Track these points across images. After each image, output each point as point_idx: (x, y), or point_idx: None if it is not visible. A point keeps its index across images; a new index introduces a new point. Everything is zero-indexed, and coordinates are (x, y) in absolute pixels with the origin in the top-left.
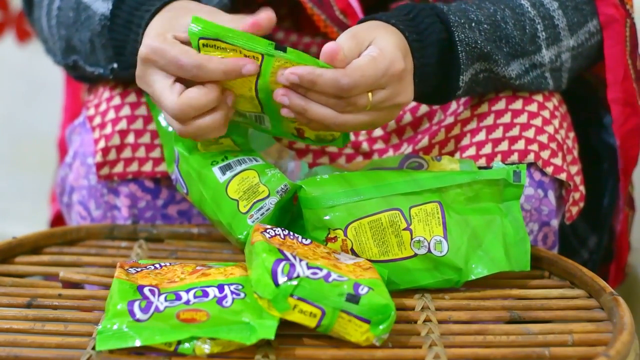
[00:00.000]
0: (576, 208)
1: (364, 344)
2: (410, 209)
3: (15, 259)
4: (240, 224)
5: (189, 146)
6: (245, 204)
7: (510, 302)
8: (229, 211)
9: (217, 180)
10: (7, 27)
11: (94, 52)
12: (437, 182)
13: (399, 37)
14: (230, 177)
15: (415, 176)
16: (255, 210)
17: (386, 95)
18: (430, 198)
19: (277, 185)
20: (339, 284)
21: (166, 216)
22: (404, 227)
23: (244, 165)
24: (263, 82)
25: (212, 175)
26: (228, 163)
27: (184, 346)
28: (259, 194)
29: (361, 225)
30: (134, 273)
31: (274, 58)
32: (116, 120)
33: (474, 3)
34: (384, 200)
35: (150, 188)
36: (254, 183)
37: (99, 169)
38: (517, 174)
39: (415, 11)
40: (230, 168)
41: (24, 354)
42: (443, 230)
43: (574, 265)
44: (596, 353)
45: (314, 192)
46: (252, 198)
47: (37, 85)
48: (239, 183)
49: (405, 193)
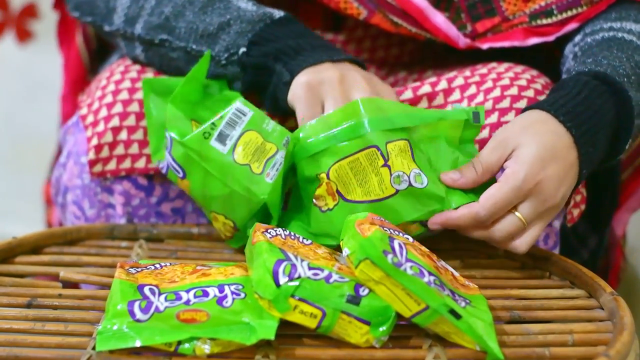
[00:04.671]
0: (577, 210)
1: (364, 345)
2: (386, 144)
3: (15, 259)
4: (259, 185)
5: (181, 130)
6: (257, 165)
7: (511, 302)
8: (243, 177)
9: (221, 153)
10: (7, 27)
11: (216, 34)
12: (407, 121)
13: (550, 136)
14: (232, 146)
15: (389, 114)
16: (269, 167)
17: (531, 207)
18: (400, 135)
19: (281, 138)
20: (339, 285)
21: (160, 214)
22: (382, 163)
23: (238, 127)
24: None
25: (213, 150)
26: (221, 131)
27: (184, 346)
28: (268, 152)
29: (341, 167)
30: (134, 273)
31: None
32: (108, 118)
33: (610, 53)
34: (360, 140)
35: (143, 186)
36: (259, 143)
37: (92, 167)
38: (476, 115)
39: (587, 90)
40: (227, 136)
41: (24, 354)
42: (416, 165)
43: (574, 265)
44: (596, 353)
45: (305, 140)
46: (262, 157)
47: (37, 85)
48: (244, 148)
49: (381, 130)
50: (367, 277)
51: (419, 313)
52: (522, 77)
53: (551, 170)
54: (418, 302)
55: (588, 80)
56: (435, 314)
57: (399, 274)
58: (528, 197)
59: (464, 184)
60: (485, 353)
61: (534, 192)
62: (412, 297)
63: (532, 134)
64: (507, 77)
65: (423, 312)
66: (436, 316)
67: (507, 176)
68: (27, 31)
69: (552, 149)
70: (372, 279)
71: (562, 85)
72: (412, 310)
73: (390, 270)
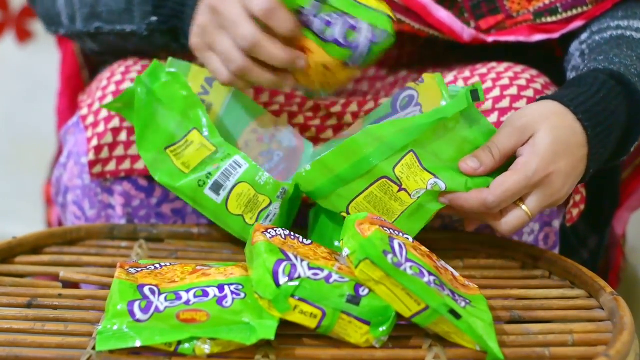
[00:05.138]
0: (577, 210)
1: (364, 345)
2: (394, 170)
3: (15, 259)
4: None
5: (171, 174)
6: (250, 216)
7: (511, 302)
8: (237, 226)
9: (215, 202)
10: (7, 27)
11: (129, 9)
12: (406, 138)
13: (566, 131)
14: (225, 196)
15: (384, 138)
16: (262, 219)
17: (538, 199)
18: (403, 152)
19: (274, 191)
20: (339, 285)
21: (160, 215)
22: (397, 189)
23: (232, 178)
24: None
25: (207, 199)
26: (215, 181)
27: (184, 346)
28: (261, 204)
29: (359, 204)
30: (134, 273)
31: None
32: (109, 119)
33: (621, 52)
34: (367, 176)
35: (144, 186)
36: (251, 195)
37: (92, 167)
38: (474, 93)
39: (605, 90)
40: (220, 186)
41: (24, 354)
42: (429, 173)
43: (574, 265)
44: (596, 353)
45: (308, 188)
46: (255, 209)
47: (37, 85)
48: (237, 200)
49: (384, 159)
50: (367, 277)
51: (419, 313)
52: (522, 77)
53: (561, 164)
54: (418, 302)
55: (606, 80)
56: (435, 314)
57: (399, 274)
58: (536, 189)
59: (484, 172)
60: (485, 353)
61: (542, 184)
62: (412, 297)
63: (550, 125)
64: (506, 77)
65: (423, 312)
66: (436, 316)
67: (519, 165)
68: (27, 31)
69: (566, 144)
70: (372, 279)
71: (579, 81)
72: (412, 310)
73: (390, 270)
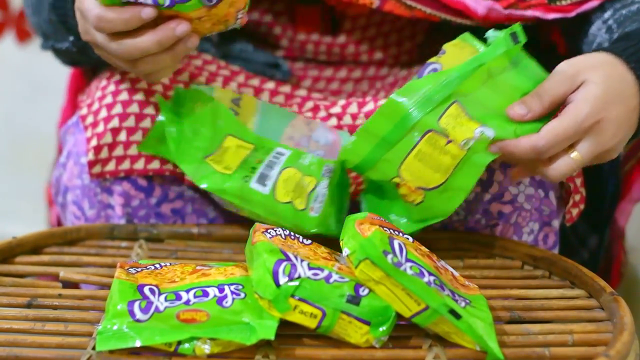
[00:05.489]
0: (576, 210)
1: (364, 345)
2: (438, 122)
3: (15, 259)
4: (305, 221)
5: (216, 179)
6: (299, 201)
7: (510, 302)
8: (288, 215)
9: (263, 194)
10: (7, 27)
11: (56, 30)
12: (446, 90)
13: (618, 80)
14: (272, 185)
15: (425, 92)
16: (312, 201)
17: (589, 147)
18: (447, 103)
19: (319, 169)
20: (339, 285)
21: (160, 215)
22: (445, 142)
23: (276, 167)
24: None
25: (254, 192)
26: (261, 173)
27: (184, 346)
28: (308, 186)
29: (410, 164)
30: (134, 273)
31: None
32: (108, 119)
33: None
34: (412, 133)
35: (143, 186)
36: (297, 179)
37: (91, 167)
38: (514, 36)
39: None
40: (266, 177)
41: (24, 354)
42: (476, 122)
43: (574, 265)
44: (596, 353)
45: (355, 160)
46: (303, 193)
47: (37, 85)
48: (284, 186)
49: (426, 112)
50: (367, 277)
51: (419, 313)
52: None
53: (613, 112)
54: (418, 302)
55: None
56: (435, 314)
57: (399, 274)
58: (587, 135)
59: (532, 118)
60: (485, 353)
61: (593, 131)
62: (412, 297)
63: (601, 74)
64: None
65: (423, 312)
66: (436, 316)
67: (569, 110)
68: (27, 31)
69: (618, 92)
70: (372, 279)
71: (627, 36)
72: (412, 310)
73: (390, 270)
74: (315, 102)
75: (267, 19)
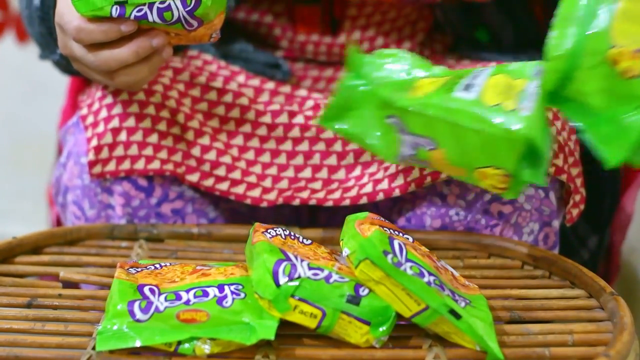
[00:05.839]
0: (576, 210)
1: (364, 345)
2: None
3: (15, 259)
4: (515, 121)
5: (413, 99)
6: (509, 102)
7: (510, 302)
8: (497, 117)
9: (467, 100)
10: (7, 27)
11: (45, 42)
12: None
13: None
14: (478, 91)
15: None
16: (522, 101)
17: None
18: None
19: (529, 70)
20: (339, 285)
21: (160, 215)
22: None
23: (483, 75)
24: None
25: (458, 100)
26: (466, 84)
27: (184, 346)
28: (517, 87)
29: (620, 28)
30: (134, 273)
31: None
32: (108, 119)
33: None
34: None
35: (143, 186)
36: (506, 82)
37: (92, 168)
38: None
39: None
40: (471, 85)
41: (24, 354)
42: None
43: (574, 265)
44: (596, 353)
45: (562, 51)
46: (512, 93)
47: (37, 85)
48: (492, 90)
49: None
50: (367, 277)
51: (419, 313)
52: None
53: None
54: (418, 302)
55: None
56: (435, 314)
57: (399, 274)
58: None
59: None
60: (485, 353)
61: None
62: (412, 297)
63: None
64: None
65: (423, 312)
66: (436, 316)
67: None
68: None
69: None
70: (372, 279)
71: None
72: (412, 310)
73: (390, 270)
74: (315, 102)
75: (267, 20)
